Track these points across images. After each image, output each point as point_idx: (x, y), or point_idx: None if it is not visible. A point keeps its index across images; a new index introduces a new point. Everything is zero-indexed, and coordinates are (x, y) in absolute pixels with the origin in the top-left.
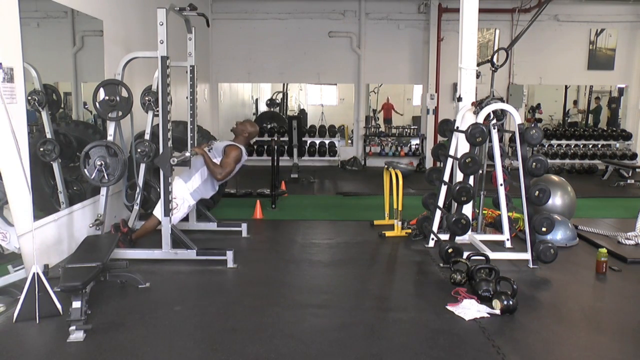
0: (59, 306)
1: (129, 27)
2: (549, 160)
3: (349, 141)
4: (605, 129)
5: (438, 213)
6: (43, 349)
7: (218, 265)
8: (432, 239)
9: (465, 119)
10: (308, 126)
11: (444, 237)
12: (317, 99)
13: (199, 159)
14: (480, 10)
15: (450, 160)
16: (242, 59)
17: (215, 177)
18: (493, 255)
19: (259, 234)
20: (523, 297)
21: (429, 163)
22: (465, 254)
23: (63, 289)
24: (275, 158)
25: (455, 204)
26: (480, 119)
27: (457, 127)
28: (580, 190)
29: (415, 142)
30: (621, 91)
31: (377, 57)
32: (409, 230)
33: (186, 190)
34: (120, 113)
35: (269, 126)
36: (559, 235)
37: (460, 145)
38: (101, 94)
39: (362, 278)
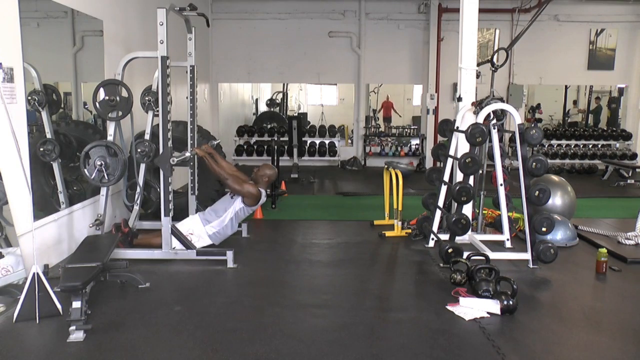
0: (59, 306)
1: (129, 27)
2: (549, 160)
3: (349, 141)
4: (605, 129)
5: (438, 213)
6: (43, 349)
7: (218, 265)
8: (432, 239)
9: (465, 119)
10: (308, 126)
11: (444, 237)
12: (317, 99)
13: (223, 202)
14: (480, 10)
15: (450, 160)
16: (242, 59)
17: (218, 177)
18: (493, 255)
19: (259, 234)
20: (523, 297)
21: (429, 163)
22: (465, 254)
23: (63, 289)
24: (275, 158)
25: (455, 204)
26: (480, 119)
27: (457, 127)
28: (580, 190)
29: (415, 142)
30: (621, 91)
31: (377, 57)
32: (409, 230)
33: (204, 232)
34: (120, 113)
35: (269, 126)
36: (559, 235)
37: (460, 145)
38: (101, 94)
39: (362, 278)
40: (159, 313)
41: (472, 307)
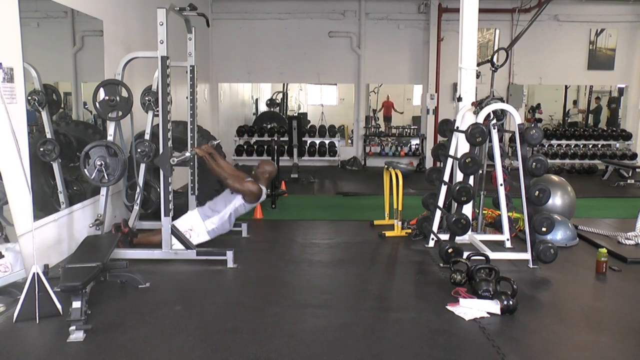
0: (59, 306)
1: (129, 27)
2: (549, 160)
3: (349, 141)
4: (605, 129)
5: (438, 213)
6: (43, 349)
7: (218, 265)
8: (432, 239)
9: (465, 119)
10: (308, 126)
11: (444, 237)
12: (317, 99)
13: (223, 198)
14: (480, 10)
15: (450, 160)
16: (242, 59)
17: (218, 177)
18: (493, 255)
19: (259, 234)
20: (523, 297)
21: (429, 163)
22: (465, 254)
23: (63, 289)
24: (275, 158)
25: (455, 204)
26: (480, 119)
27: (457, 127)
28: (580, 190)
29: (415, 142)
30: (621, 91)
31: (377, 57)
32: (409, 230)
33: (204, 227)
34: (120, 113)
35: (269, 126)
36: (559, 235)
37: (460, 145)
38: (101, 94)
39: (362, 278)
40: (159, 313)
41: (472, 307)
